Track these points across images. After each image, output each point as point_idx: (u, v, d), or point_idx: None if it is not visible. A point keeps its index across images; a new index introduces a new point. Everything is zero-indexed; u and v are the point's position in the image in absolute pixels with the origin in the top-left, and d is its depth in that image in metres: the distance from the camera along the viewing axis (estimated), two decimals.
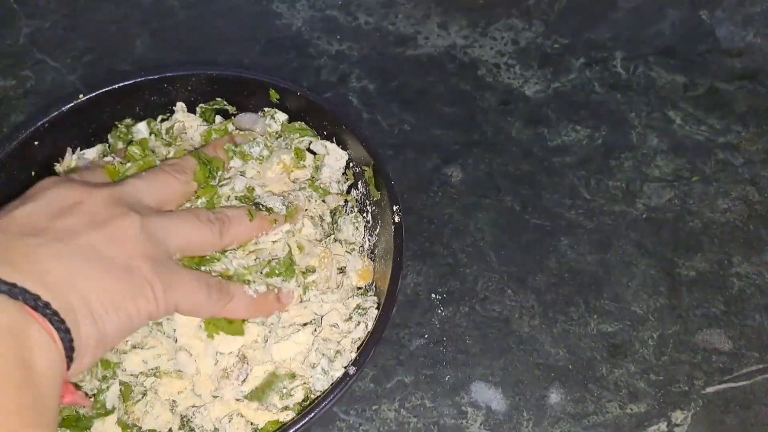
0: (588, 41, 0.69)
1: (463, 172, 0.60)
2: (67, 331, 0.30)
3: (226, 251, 0.43)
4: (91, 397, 0.40)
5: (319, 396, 0.42)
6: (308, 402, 0.42)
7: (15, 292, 0.29)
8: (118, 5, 0.72)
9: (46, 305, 0.29)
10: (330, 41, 0.69)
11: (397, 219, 0.46)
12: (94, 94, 0.50)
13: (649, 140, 0.62)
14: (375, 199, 0.50)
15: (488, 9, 0.71)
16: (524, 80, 0.66)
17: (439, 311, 0.54)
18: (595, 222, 0.57)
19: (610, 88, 0.65)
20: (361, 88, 0.66)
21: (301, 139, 0.51)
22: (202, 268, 0.41)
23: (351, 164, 0.52)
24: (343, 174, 0.51)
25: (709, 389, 0.50)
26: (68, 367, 0.31)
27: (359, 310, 0.46)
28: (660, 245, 0.56)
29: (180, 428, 0.42)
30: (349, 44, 0.68)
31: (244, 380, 0.42)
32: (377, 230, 0.50)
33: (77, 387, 0.36)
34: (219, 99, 0.53)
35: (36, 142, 0.48)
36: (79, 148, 0.51)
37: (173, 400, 0.42)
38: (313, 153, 0.52)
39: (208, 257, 0.42)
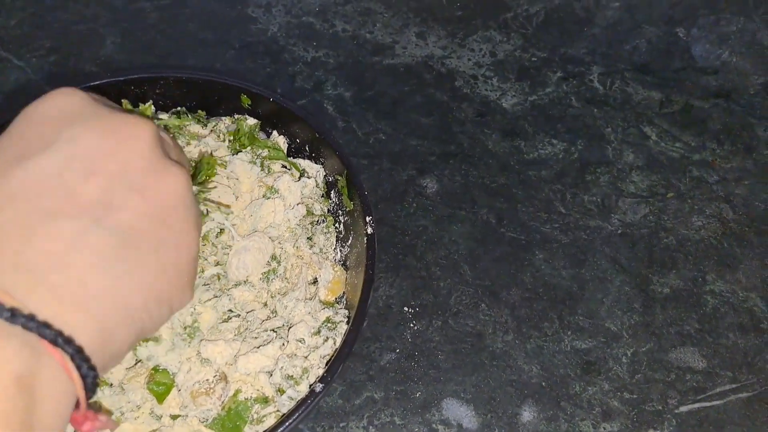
0: (565, 56, 0.69)
1: (439, 184, 0.59)
2: (93, 367, 0.23)
3: None
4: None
5: (285, 413, 0.40)
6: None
7: (31, 326, 0.21)
8: (88, 5, 0.70)
9: (69, 341, 0.22)
10: (306, 48, 0.67)
11: (369, 230, 0.45)
12: None
13: (624, 156, 0.62)
14: (348, 209, 0.48)
15: (467, 21, 0.71)
16: (501, 92, 0.65)
17: (412, 325, 0.52)
18: (570, 236, 0.57)
19: (586, 102, 0.65)
20: (336, 96, 0.64)
21: (272, 161, 0.50)
22: None
23: (324, 174, 0.51)
24: (316, 186, 0.50)
25: (683, 408, 0.49)
26: (89, 398, 0.24)
27: (329, 324, 0.44)
28: (635, 261, 0.56)
29: None
30: (326, 51, 0.67)
31: (224, 401, 0.40)
32: (349, 241, 0.49)
33: (98, 408, 0.29)
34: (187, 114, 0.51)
35: None
36: None
37: None
38: (288, 168, 0.50)
39: None
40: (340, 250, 0.50)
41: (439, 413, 0.48)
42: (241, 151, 0.49)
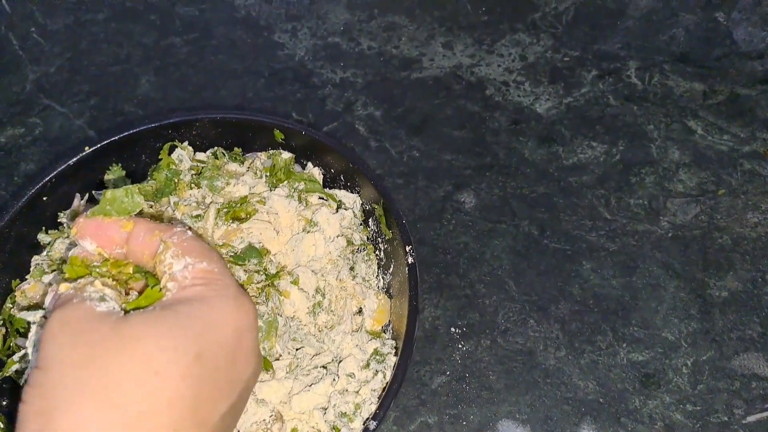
0: (599, 52, 0.66)
1: (476, 198, 0.59)
2: None
3: None
4: None
5: None
6: None
7: None
8: (121, 45, 0.71)
9: None
10: (334, 69, 0.67)
11: (410, 260, 0.44)
12: (99, 145, 0.49)
13: (669, 153, 0.60)
14: (387, 237, 0.48)
15: (493, 25, 0.69)
16: (535, 97, 0.64)
17: (460, 346, 0.52)
18: (617, 243, 0.55)
19: (625, 100, 0.63)
20: (367, 116, 0.64)
21: (309, 193, 0.50)
22: None
23: (361, 203, 0.51)
24: (354, 216, 0.50)
25: (750, 418, 0.47)
26: None
27: (377, 357, 0.44)
28: (688, 265, 0.54)
29: None
30: (353, 71, 0.67)
31: None
32: (391, 268, 0.49)
33: None
34: (224, 150, 0.52)
35: (44, 197, 0.48)
36: (87, 195, 0.51)
37: None
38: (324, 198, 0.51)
39: None
40: (382, 278, 0.50)
41: None
42: (278, 186, 0.50)
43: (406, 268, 0.44)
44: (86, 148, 0.49)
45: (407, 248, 0.45)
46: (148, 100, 0.67)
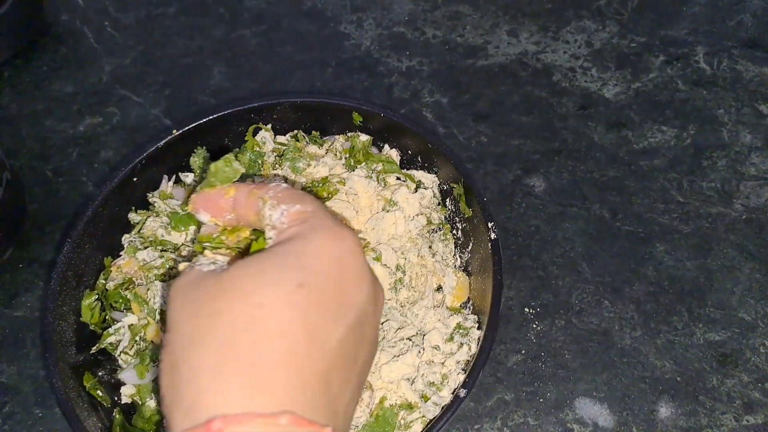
0: (666, 38, 0.66)
1: (546, 182, 0.59)
2: None
3: None
4: None
5: (432, 420, 0.42)
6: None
7: None
8: (192, 38, 0.74)
9: None
10: (400, 58, 0.69)
11: (493, 236, 0.46)
12: (186, 128, 0.52)
13: (741, 137, 0.59)
14: (466, 216, 0.50)
15: (558, 12, 0.70)
16: (602, 82, 0.64)
17: (534, 325, 0.53)
18: (691, 226, 0.55)
19: (694, 84, 0.63)
20: (434, 103, 0.65)
21: (387, 174, 0.51)
22: None
23: (439, 183, 0.52)
24: (433, 196, 0.51)
25: None
26: None
27: (460, 330, 0.46)
28: (764, 247, 0.54)
29: None
30: (419, 59, 0.68)
31: (372, 408, 0.42)
32: (469, 247, 0.50)
33: None
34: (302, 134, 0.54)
35: (135, 179, 0.50)
36: (174, 176, 0.53)
37: None
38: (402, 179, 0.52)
39: None
40: (460, 257, 0.51)
41: (572, 413, 0.49)
42: (357, 168, 0.52)
43: (489, 244, 0.45)
44: (174, 131, 0.51)
45: (489, 225, 0.46)
46: (221, 89, 0.69)
